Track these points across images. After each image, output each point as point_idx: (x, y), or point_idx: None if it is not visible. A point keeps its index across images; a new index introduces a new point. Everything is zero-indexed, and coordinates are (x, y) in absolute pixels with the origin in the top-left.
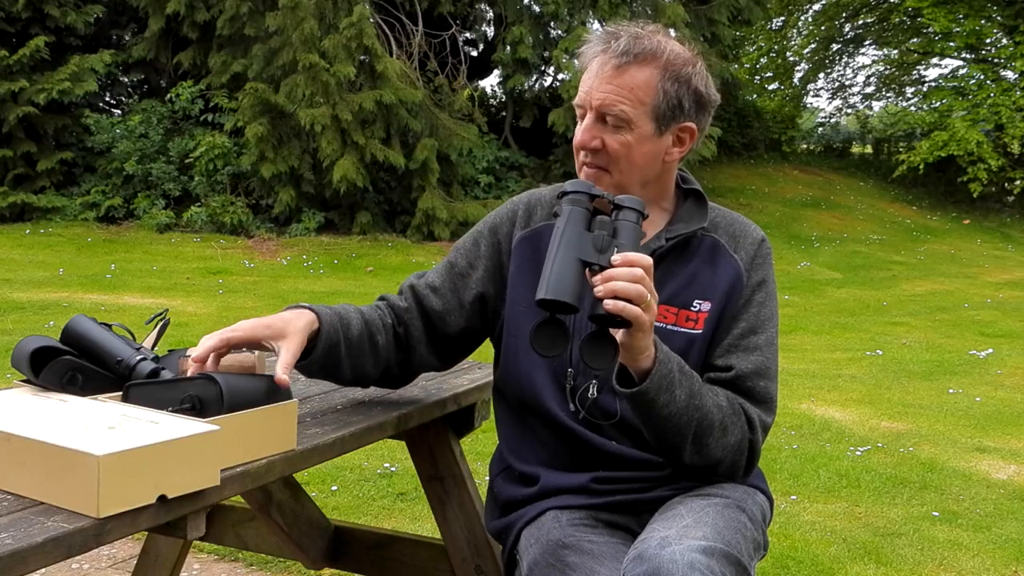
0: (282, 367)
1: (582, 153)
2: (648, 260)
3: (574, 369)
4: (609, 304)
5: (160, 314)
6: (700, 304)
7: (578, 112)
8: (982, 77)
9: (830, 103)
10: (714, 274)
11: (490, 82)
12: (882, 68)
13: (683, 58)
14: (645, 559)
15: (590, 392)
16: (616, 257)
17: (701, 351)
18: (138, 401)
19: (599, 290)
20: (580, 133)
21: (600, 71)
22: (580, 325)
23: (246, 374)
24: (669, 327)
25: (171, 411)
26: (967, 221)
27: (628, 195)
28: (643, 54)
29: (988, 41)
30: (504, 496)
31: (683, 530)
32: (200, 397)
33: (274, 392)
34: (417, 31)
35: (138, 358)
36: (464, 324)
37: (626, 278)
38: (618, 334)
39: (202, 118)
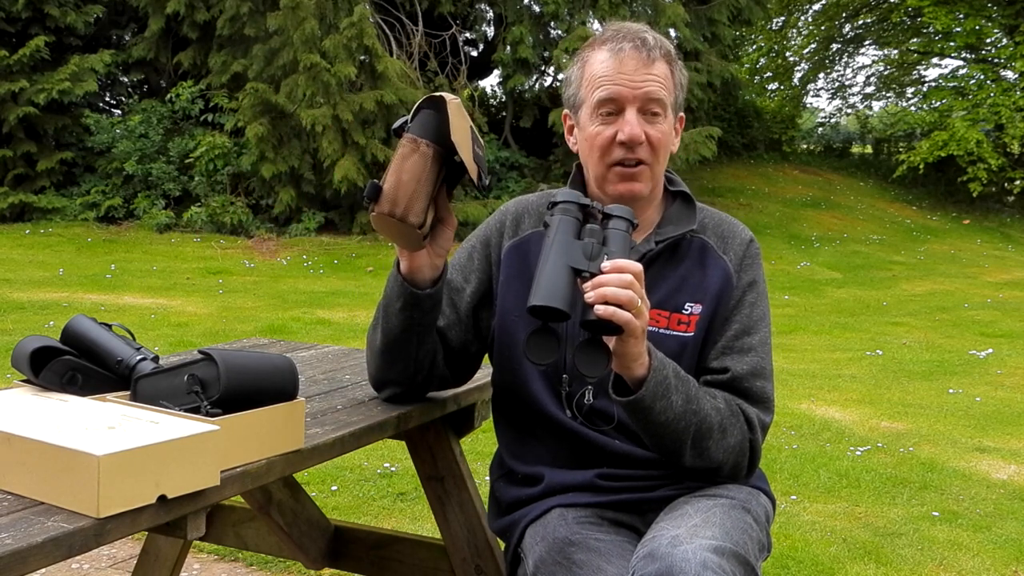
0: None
1: (618, 151)
2: (638, 267)
3: (568, 375)
4: (600, 309)
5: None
6: (691, 307)
7: (603, 108)
8: (982, 77)
9: (830, 103)
10: (704, 276)
11: (490, 82)
12: (882, 68)
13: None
14: (657, 557)
15: (586, 398)
16: (606, 264)
17: (693, 354)
18: (147, 392)
19: (589, 296)
20: (631, 127)
21: (637, 64)
22: (573, 332)
23: (246, 351)
24: (661, 331)
25: (179, 406)
26: (967, 221)
27: (617, 204)
28: (663, 48)
29: (988, 41)
30: (507, 498)
31: (693, 529)
32: (200, 377)
33: (279, 371)
34: (417, 31)
35: (138, 358)
36: (467, 338)
37: (616, 283)
38: (611, 341)
39: (202, 118)
